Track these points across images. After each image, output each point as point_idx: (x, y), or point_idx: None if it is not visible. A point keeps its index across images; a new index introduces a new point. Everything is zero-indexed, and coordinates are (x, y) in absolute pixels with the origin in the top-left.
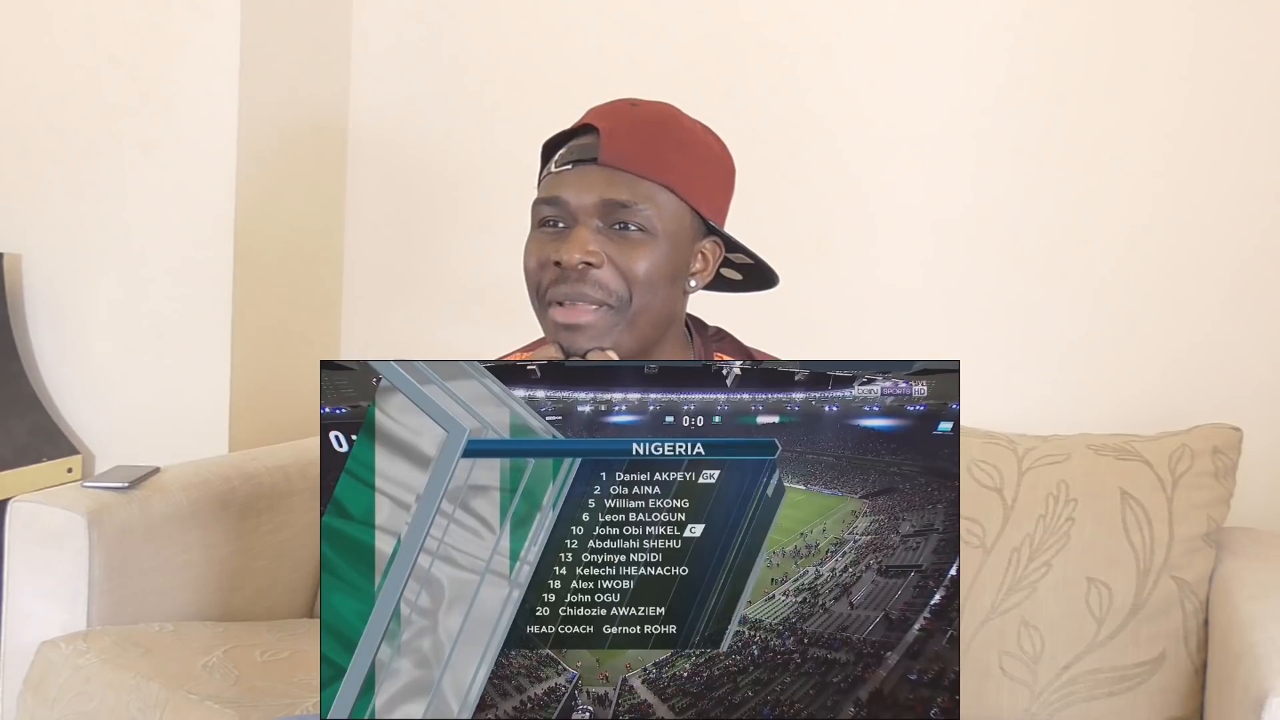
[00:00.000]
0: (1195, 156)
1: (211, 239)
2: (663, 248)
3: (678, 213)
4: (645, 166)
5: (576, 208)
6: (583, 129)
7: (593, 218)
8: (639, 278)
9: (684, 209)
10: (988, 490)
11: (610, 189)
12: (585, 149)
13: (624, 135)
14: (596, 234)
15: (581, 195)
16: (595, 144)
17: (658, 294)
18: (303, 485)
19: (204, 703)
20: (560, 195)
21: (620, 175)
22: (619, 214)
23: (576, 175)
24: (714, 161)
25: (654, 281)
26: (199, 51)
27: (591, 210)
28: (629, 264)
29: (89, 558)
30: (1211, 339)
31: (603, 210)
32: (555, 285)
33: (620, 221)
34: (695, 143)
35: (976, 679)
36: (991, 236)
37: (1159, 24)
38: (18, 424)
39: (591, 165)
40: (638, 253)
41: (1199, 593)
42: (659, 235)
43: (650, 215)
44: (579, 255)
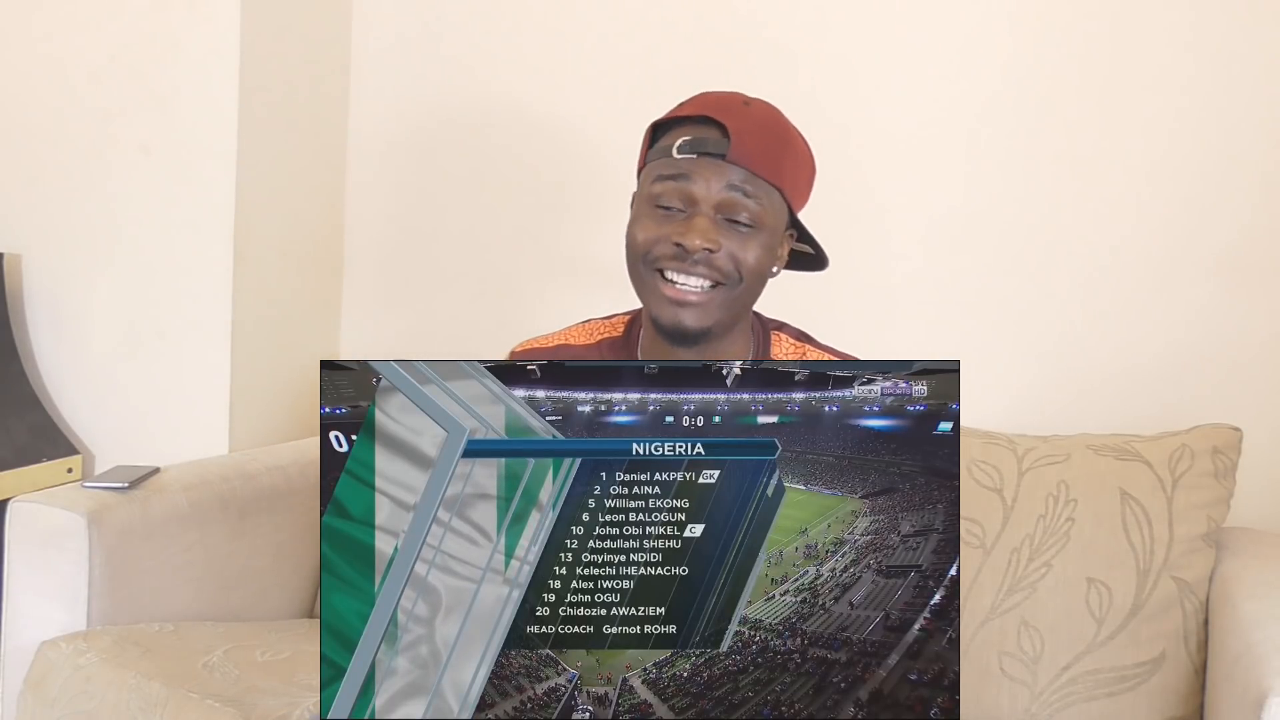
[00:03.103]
0: (1195, 155)
1: (211, 239)
2: (766, 240)
3: (780, 208)
4: (765, 168)
5: (701, 197)
6: (703, 120)
7: (714, 209)
8: (750, 266)
9: (784, 206)
10: (988, 490)
11: (735, 185)
12: (715, 144)
13: (750, 136)
14: (715, 225)
15: (710, 187)
16: (722, 140)
17: (760, 280)
18: (303, 485)
19: (204, 702)
20: (686, 182)
21: (745, 174)
22: (738, 208)
23: (704, 166)
24: (809, 165)
25: (761, 270)
26: (199, 51)
27: (714, 202)
28: (742, 254)
29: (89, 558)
30: (1211, 339)
31: (724, 204)
32: (671, 260)
33: (734, 215)
34: (799, 146)
35: (976, 679)
36: (991, 236)
37: (1157, 22)
38: (18, 424)
39: (719, 160)
40: (749, 244)
41: (1199, 593)
42: (764, 229)
43: (761, 211)
44: (701, 242)
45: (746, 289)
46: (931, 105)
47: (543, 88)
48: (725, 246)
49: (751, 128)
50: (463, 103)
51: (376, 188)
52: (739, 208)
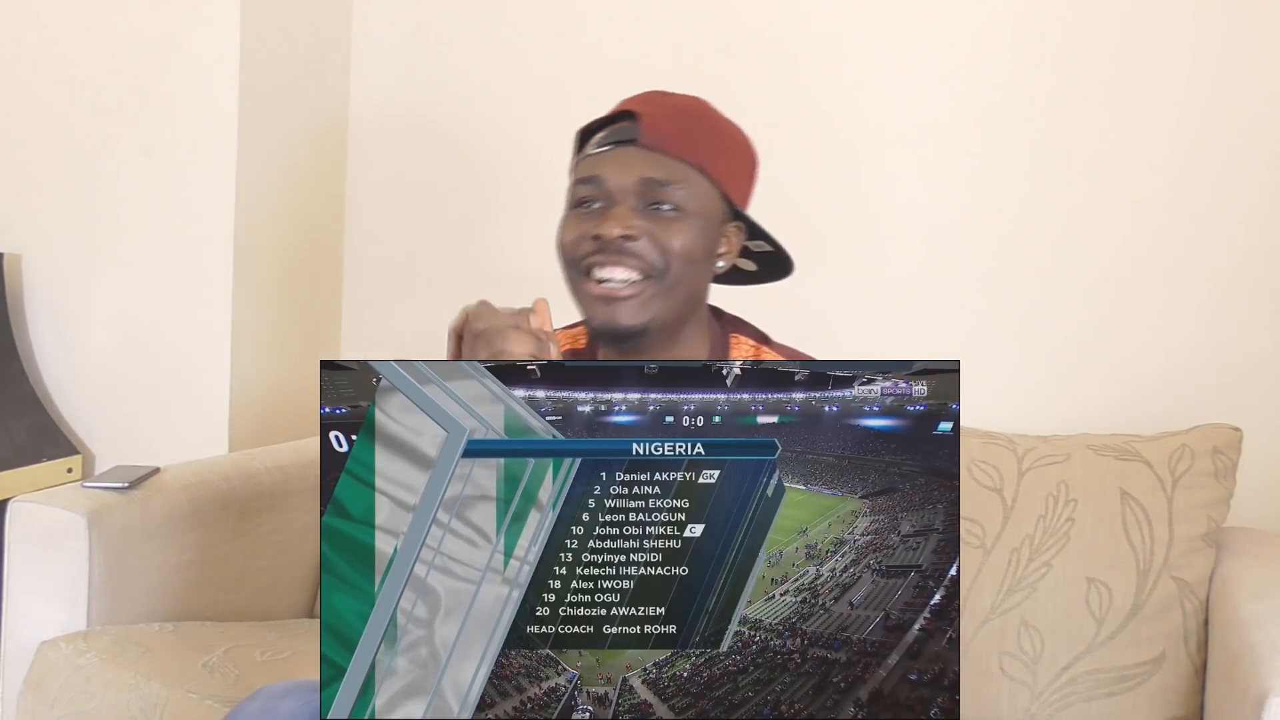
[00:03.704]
0: (1195, 155)
1: (211, 239)
2: (696, 225)
3: (708, 194)
4: (681, 148)
5: (615, 187)
6: (619, 115)
7: (630, 197)
8: (676, 251)
9: (714, 191)
10: (988, 490)
11: (649, 169)
12: (624, 131)
13: (662, 119)
14: (634, 212)
15: (622, 175)
16: (634, 127)
17: (693, 267)
18: (303, 485)
19: (204, 702)
20: (600, 174)
21: (658, 156)
22: (656, 193)
23: (616, 156)
24: (742, 150)
25: (690, 255)
26: (199, 51)
27: (630, 190)
28: (666, 239)
29: (89, 558)
30: (1211, 339)
31: (641, 190)
32: (594, 256)
33: (656, 201)
34: (725, 130)
35: (976, 679)
36: (991, 236)
37: (1159, 23)
38: (18, 424)
39: (631, 147)
40: (673, 229)
41: (1199, 593)
42: (692, 214)
43: (685, 195)
44: (619, 229)
45: (679, 277)
46: (934, 108)
47: (543, 88)
48: (647, 232)
49: (665, 112)
50: (463, 103)
51: (376, 188)
52: (657, 192)
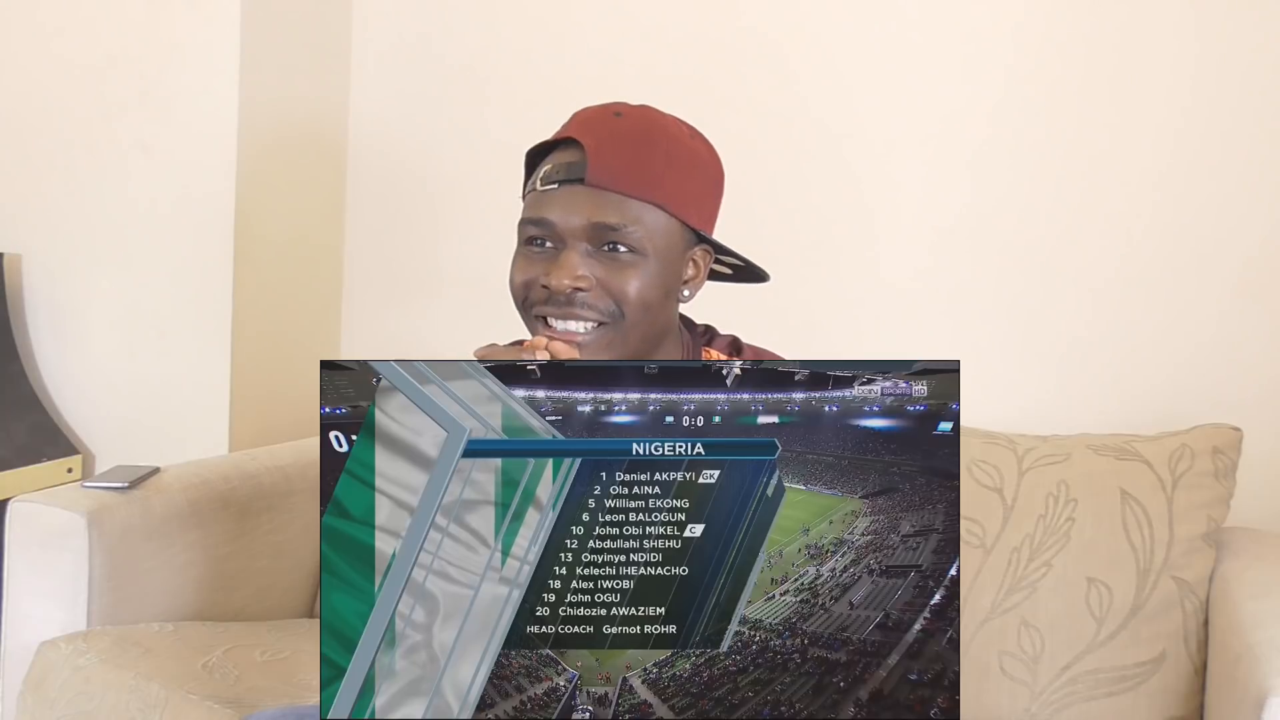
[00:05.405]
0: (1196, 157)
1: (211, 239)
2: (653, 266)
3: (667, 229)
4: (633, 185)
5: (564, 230)
6: (566, 141)
7: (581, 240)
8: (630, 298)
9: (674, 224)
10: (988, 490)
11: (599, 212)
12: (572, 169)
13: (610, 153)
14: (585, 257)
15: (569, 217)
16: (581, 162)
17: (650, 311)
18: (303, 485)
19: (204, 703)
20: (547, 217)
21: (608, 196)
22: (608, 236)
23: (563, 196)
24: (701, 169)
25: (646, 300)
26: (199, 51)
27: (580, 233)
28: (620, 286)
29: (89, 558)
30: (1212, 339)
31: (591, 233)
32: (544, 305)
33: (610, 243)
34: (681, 153)
35: (976, 679)
36: (991, 236)
37: (1161, 25)
38: (18, 424)
39: (578, 186)
40: (627, 274)
41: (1199, 593)
42: (649, 254)
43: (640, 236)
44: (568, 281)
45: (636, 322)
46: (938, 110)
47: (543, 89)
48: (600, 280)
49: (613, 143)
50: (462, 103)
51: (376, 188)
52: (608, 235)
